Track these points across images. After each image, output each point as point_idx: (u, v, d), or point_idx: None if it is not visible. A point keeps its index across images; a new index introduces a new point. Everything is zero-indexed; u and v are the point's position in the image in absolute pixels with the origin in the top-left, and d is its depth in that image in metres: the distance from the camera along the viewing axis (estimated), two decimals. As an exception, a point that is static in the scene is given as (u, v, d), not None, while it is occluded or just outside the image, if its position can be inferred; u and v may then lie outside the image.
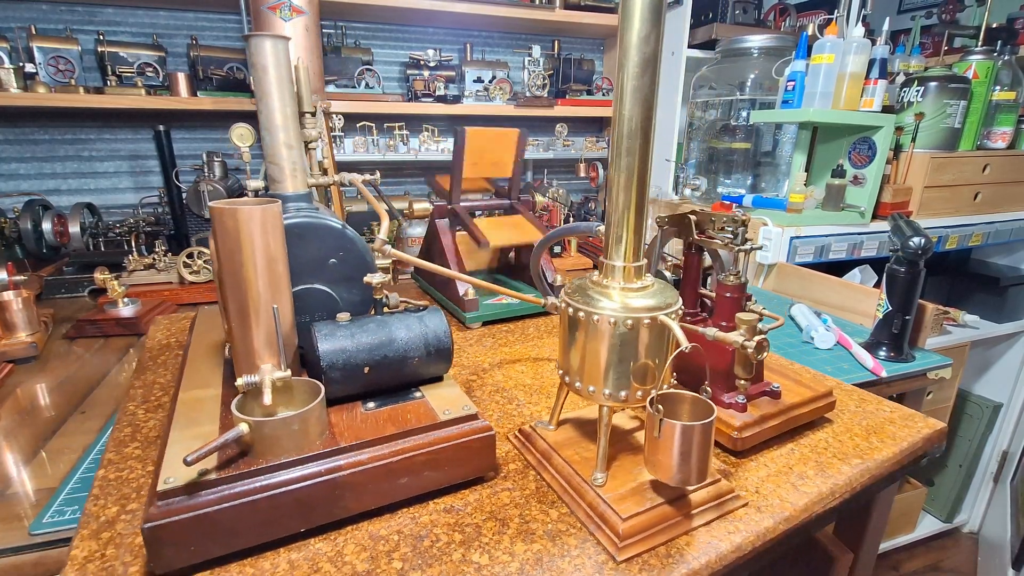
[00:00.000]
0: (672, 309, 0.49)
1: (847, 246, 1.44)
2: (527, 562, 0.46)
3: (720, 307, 0.63)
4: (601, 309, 0.48)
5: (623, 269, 0.50)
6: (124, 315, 1.00)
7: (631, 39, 0.44)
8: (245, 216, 0.49)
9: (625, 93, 0.46)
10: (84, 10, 1.38)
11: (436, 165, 1.79)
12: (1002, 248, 1.89)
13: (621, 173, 0.47)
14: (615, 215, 0.49)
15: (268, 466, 0.46)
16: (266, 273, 0.51)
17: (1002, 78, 1.56)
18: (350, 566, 0.45)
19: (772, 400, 0.64)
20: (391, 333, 0.57)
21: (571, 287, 0.52)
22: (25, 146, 1.41)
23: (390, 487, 0.51)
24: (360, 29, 1.64)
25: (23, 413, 0.74)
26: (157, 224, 1.40)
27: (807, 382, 0.67)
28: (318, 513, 0.48)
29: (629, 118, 0.46)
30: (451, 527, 0.50)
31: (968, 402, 1.92)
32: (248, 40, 0.60)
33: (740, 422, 0.60)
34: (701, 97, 1.70)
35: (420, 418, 0.54)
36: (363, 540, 0.49)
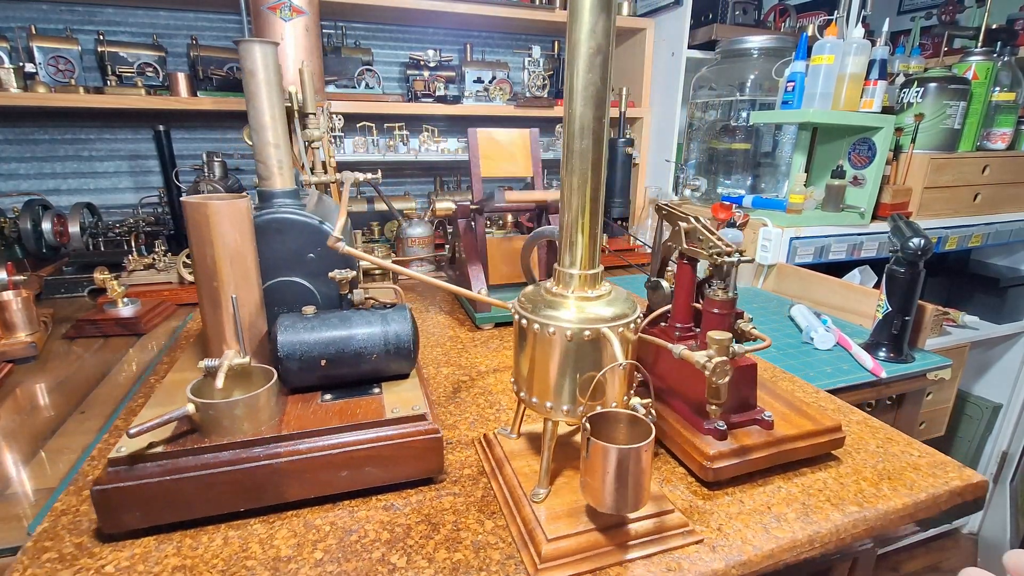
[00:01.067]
0: (626, 320, 0.46)
1: (847, 247, 1.44)
2: (442, 571, 0.45)
3: (706, 324, 0.58)
4: (546, 319, 0.46)
5: (577, 277, 0.47)
6: (124, 315, 1.00)
7: (579, 31, 0.41)
8: (213, 210, 0.53)
9: (575, 89, 0.43)
10: (84, 10, 1.38)
11: (437, 165, 1.79)
12: (1002, 249, 1.89)
13: (573, 175, 0.45)
14: (568, 219, 0.46)
15: (210, 445, 0.49)
16: (232, 264, 0.55)
17: (1002, 79, 1.56)
18: (275, 550, 0.48)
19: (762, 430, 0.58)
20: (351, 329, 0.58)
21: (524, 295, 0.50)
22: (25, 146, 1.41)
23: (330, 479, 0.52)
24: (360, 29, 1.64)
25: (22, 413, 0.74)
26: (157, 224, 1.40)
27: (811, 413, 0.61)
28: (256, 496, 0.50)
29: (579, 116, 0.43)
30: (383, 525, 0.51)
31: (968, 403, 1.92)
32: (238, 45, 0.62)
33: (715, 451, 0.55)
34: (701, 98, 1.70)
35: (368, 414, 0.54)
36: (297, 527, 0.50)
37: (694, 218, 0.60)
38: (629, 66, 1.81)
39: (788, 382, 0.80)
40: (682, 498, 0.54)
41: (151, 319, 1.02)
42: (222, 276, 0.55)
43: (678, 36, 1.64)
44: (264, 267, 0.65)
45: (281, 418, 0.54)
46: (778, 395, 0.65)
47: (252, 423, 0.51)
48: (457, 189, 1.79)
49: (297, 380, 0.58)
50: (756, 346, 0.56)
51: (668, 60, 1.70)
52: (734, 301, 0.58)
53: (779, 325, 1.12)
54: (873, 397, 0.96)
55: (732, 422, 0.58)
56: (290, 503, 0.52)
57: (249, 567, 0.46)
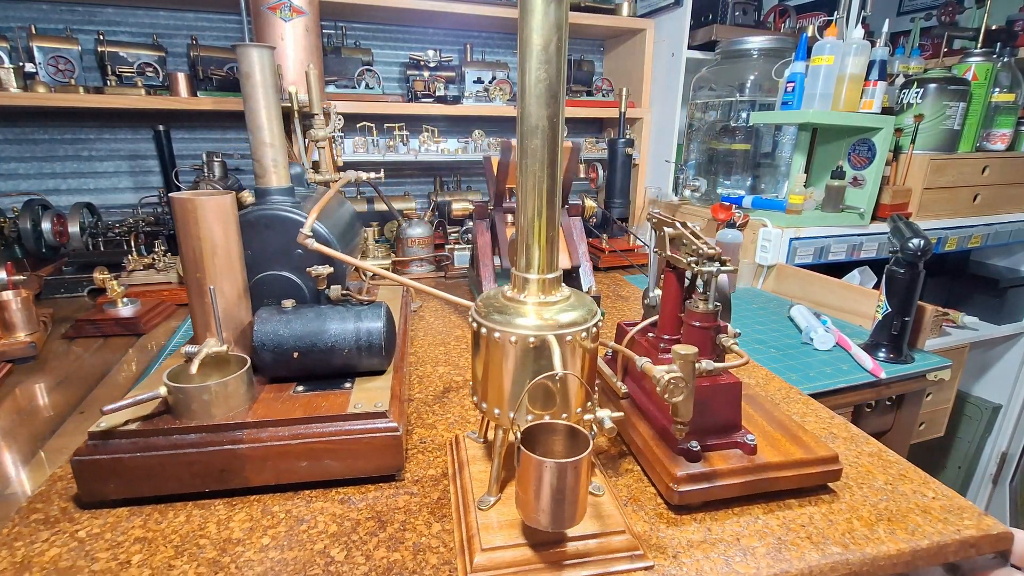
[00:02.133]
0: (578, 327, 0.44)
1: (846, 247, 1.44)
2: (375, 569, 0.45)
3: (686, 337, 0.56)
4: (494, 323, 0.44)
5: (534, 282, 0.45)
6: (123, 315, 1.00)
7: (530, 24, 0.40)
8: (197, 205, 0.56)
9: (526, 86, 0.41)
10: (84, 10, 1.38)
11: (437, 166, 1.79)
12: (1001, 250, 1.89)
13: (527, 176, 0.43)
14: (524, 222, 0.44)
15: (179, 427, 0.52)
16: (215, 256, 0.58)
17: (1001, 80, 1.56)
18: (229, 532, 0.50)
19: (742, 454, 0.54)
20: (324, 324, 0.60)
21: (482, 299, 0.48)
22: (25, 146, 1.41)
23: (289, 468, 0.54)
24: (360, 30, 1.64)
25: (22, 413, 0.74)
26: (157, 224, 1.40)
27: (806, 440, 0.56)
28: (219, 478, 0.53)
29: (530, 114, 0.42)
30: (334, 518, 0.52)
31: (967, 403, 1.92)
32: (235, 48, 0.65)
33: (682, 473, 0.51)
34: (701, 98, 1.70)
35: (331, 408, 0.56)
36: (255, 512, 0.53)
37: (681, 223, 0.58)
38: (629, 66, 1.81)
39: (802, 404, 0.74)
40: (644, 520, 0.52)
41: (151, 319, 1.02)
42: (205, 268, 0.58)
43: (678, 36, 1.64)
44: (254, 261, 0.68)
45: (251, 406, 0.56)
46: (774, 417, 0.61)
47: (222, 408, 0.54)
48: (457, 189, 1.79)
49: (271, 370, 0.61)
50: (735, 363, 0.52)
51: (668, 60, 1.70)
52: (716, 313, 0.54)
53: (779, 326, 1.12)
54: (873, 398, 0.96)
55: (708, 443, 0.54)
56: (255, 488, 0.54)
57: (201, 545, 0.48)
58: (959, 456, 1.94)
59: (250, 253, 0.68)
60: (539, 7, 0.39)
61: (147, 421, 0.53)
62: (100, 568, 0.46)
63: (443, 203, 1.68)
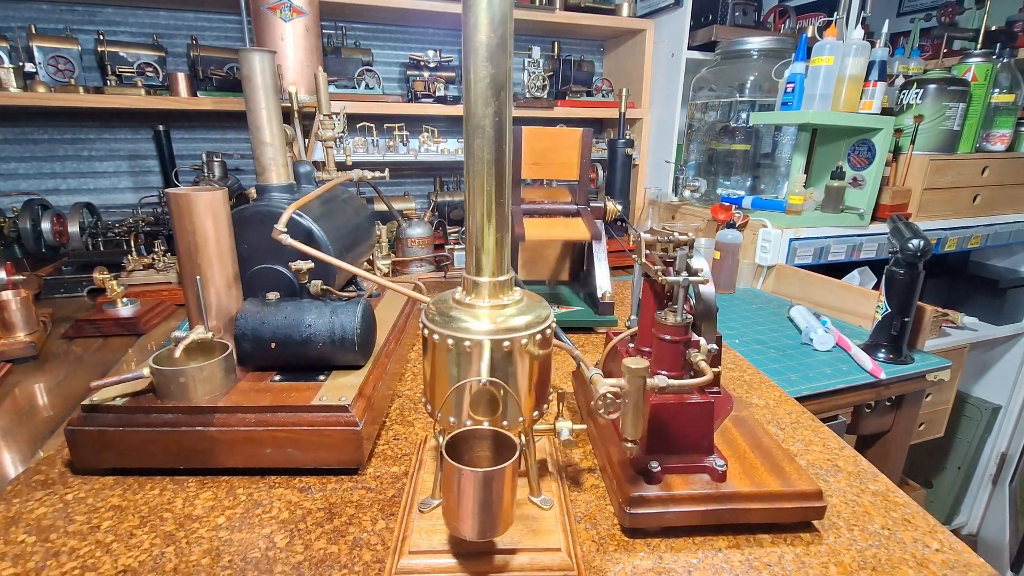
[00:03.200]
0: (519, 333, 0.42)
1: (846, 248, 1.44)
2: (310, 559, 0.47)
3: (655, 351, 0.53)
4: (437, 326, 0.43)
5: (484, 285, 0.44)
6: (123, 315, 0.99)
7: (475, 18, 0.38)
8: (190, 199, 0.61)
9: (470, 82, 0.40)
10: (84, 10, 1.38)
11: (437, 166, 1.79)
12: (1001, 250, 1.89)
13: (474, 177, 0.42)
14: (473, 224, 0.43)
15: (157, 407, 0.56)
16: (206, 248, 0.63)
17: (1001, 81, 1.56)
18: (192, 508, 0.53)
19: (709, 480, 0.51)
20: (302, 317, 0.63)
21: (434, 302, 0.47)
22: (24, 145, 1.41)
23: (254, 453, 0.56)
24: (360, 30, 1.64)
25: (21, 413, 0.74)
26: (156, 224, 1.40)
27: (788, 471, 0.52)
28: (190, 457, 0.57)
29: (475, 112, 0.40)
30: (289, 505, 0.54)
31: (967, 404, 1.92)
32: (238, 52, 0.67)
33: (636, 494, 0.48)
34: (701, 99, 1.70)
35: (297, 399, 0.58)
36: (220, 492, 0.55)
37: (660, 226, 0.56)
38: (629, 67, 1.81)
39: (810, 431, 0.69)
40: (593, 540, 0.49)
41: (150, 319, 1.02)
42: (196, 259, 0.63)
43: (678, 37, 1.64)
44: (250, 255, 0.71)
45: (228, 392, 0.59)
46: (760, 443, 0.57)
47: (199, 392, 0.57)
48: (457, 189, 1.79)
49: (251, 360, 0.63)
50: (695, 380, 0.48)
51: (668, 61, 1.70)
52: (686, 327, 0.51)
53: (779, 326, 1.12)
54: (872, 398, 0.96)
55: (672, 465, 0.51)
56: (228, 470, 0.57)
57: (163, 518, 0.52)
58: (959, 457, 1.94)
59: (246, 247, 0.70)
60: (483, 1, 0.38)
61: (133, 398, 0.57)
62: (74, 529, 0.51)
63: (443, 203, 1.68)
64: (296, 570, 0.45)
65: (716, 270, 1.32)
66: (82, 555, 0.48)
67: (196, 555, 0.47)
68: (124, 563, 0.47)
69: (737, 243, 1.29)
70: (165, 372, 0.56)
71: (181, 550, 0.48)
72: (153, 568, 0.46)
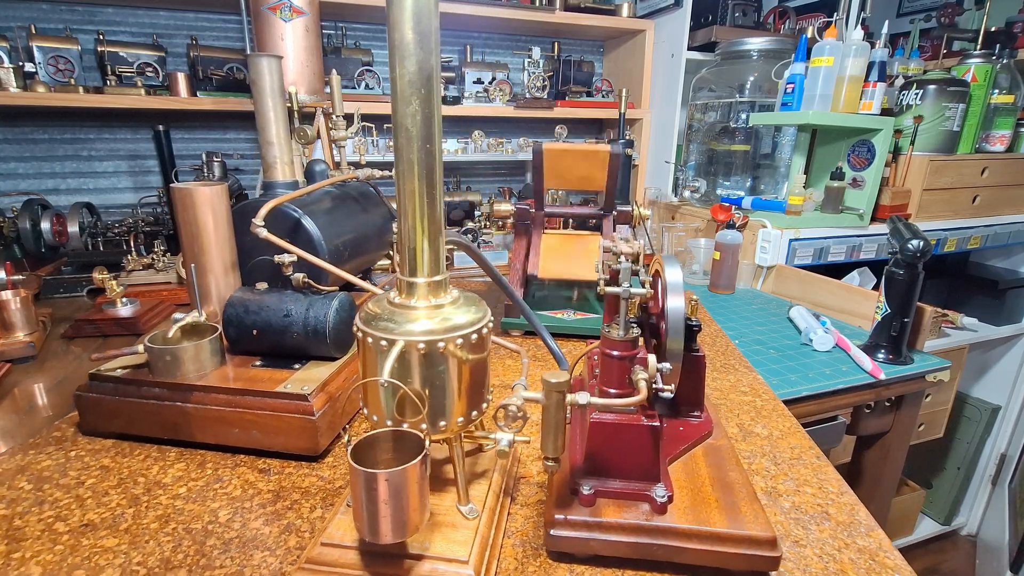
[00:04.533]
0: (452, 334, 0.42)
1: (846, 248, 1.44)
2: (241, 537, 0.49)
3: (602, 367, 0.49)
4: (367, 327, 0.43)
5: (417, 286, 0.44)
6: (122, 315, 0.99)
7: (398, 14, 0.38)
8: (192, 193, 0.68)
9: (396, 79, 0.39)
10: (84, 10, 1.38)
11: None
12: (1000, 251, 1.89)
13: (404, 178, 0.41)
14: (405, 227, 0.42)
15: (147, 381, 0.62)
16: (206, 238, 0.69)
17: (1000, 81, 1.56)
18: (164, 476, 0.58)
19: (649, 510, 0.46)
20: (281, 307, 0.66)
21: (370, 304, 0.46)
22: (24, 145, 1.41)
23: (224, 432, 0.60)
24: (360, 30, 1.64)
25: (20, 413, 0.74)
26: (156, 224, 1.40)
27: (743, 512, 0.46)
28: (170, 429, 0.62)
29: (402, 111, 0.40)
30: (244, 483, 0.57)
31: (966, 405, 1.92)
32: (247, 57, 0.71)
33: (560, 516, 0.45)
34: (701, 99, 1.70)
35: (265, 384, 0.61)
36: (192, 465, 0.60)
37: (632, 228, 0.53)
38: (629, 67, 1.81)
39: (810, 470, 0.61)
40: (516, 558, 0.47)
41: (150, 319, 1.02)
42: (195, 248, 0.69)
43: (678, 37, 1.64)
44: (252, 246, 0.74)
45: (211, 372, 0.64)
46: (726, 477, 0.51)
47: (185, 370, 0.62)
48: (456, 190, 1.79)
49: (236, 345, 0.67)
50: (616, 401, 0.45)
51: (668, 61, 1.70)
52: (632, 342, 0.47)
53: (778, 326, 1.12)
54: (872, 399, 0.96)
55: (608, 490, 0.47)
56: (204, 445, 0.62)
57: (137, 482, 0.57)
58: (958, 457, 1.94)
59: (248, 240, 0.72)
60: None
61: (131, 371, 0.63)
62: (64, 483, 0.57)
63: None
64: (225, 545, 0.48)
65: (716, 270, 1.32)
66: (60, 506, 0.54)
67: (149, 519, 0.52)
68: (89, 518, 0.52)
69: (737, 243, 1.29)
70: (155, 350, 0.61)
71: (139, 512, 0.53)
72: (110, 525, 0.51)
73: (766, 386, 0.81)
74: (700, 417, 0.60)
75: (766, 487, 0.58)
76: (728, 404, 0.75)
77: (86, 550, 0.48)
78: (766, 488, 0.57)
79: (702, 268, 1.40)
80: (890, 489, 1.13)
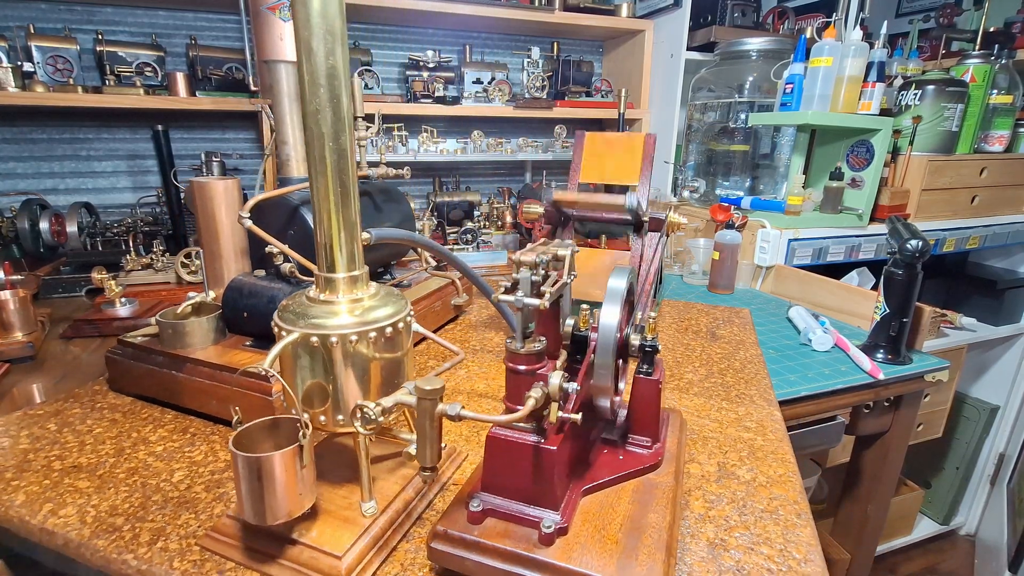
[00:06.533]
0: (363, 328, 0.42)
1: (845, 248, 1.44)
2: (180, 499, 0.54)
3: (506, 383, 0.46)
4: (281, 320, 0.44)
5: (336, 281, 0.44)
6: (121, 315, 0.99)
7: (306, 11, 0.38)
8: (209, 187, 0.77)
9: (306, 75, 0.39)
10: (83, 9, 1.38)
11: (436, 166, 1.79)
12: (999, 251, 1.89)
13: (316, 175, 0.42)
14: (320, 221, 0.43)
15: (156, 350, 0.71)
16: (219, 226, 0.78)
17: (999, 82, 1.56)
18: (151, 434, 0.65)
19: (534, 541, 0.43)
20: (268, 294, 0.71)
21: (290, 297, 0.47)
22: (23, 145, 1.41)
23: (204, 402, 0.67)
24: (359, 30, 1.64)
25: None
26: (155, 224, 1.40)
27: (637, 561, 0.41)
28: (165, 394, 0.70)
29: (312, 106, 0.40)
30: (210, 450, 0.62)
31: (965, 404, 1.92)
32: (267, 63, 0.81)
33: (442, 528, 0.44)
34: (700, 99, 1.70)
35: (236, 362, 0.67)
36: (178, 427, 0.66)
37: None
38: (628, 67, 1.82)
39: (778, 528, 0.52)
40: (402, 562, 0.46)
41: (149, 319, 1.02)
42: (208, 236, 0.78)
43: (677, 38, 1.64)
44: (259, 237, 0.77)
45: (208, 348, 0.71)
46: (643, 517, 0.46)
47: (184, 343, 0.70)
48: (456, 189, 1.79)
49: (231, 325, 0.74)
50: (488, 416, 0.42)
51: (667, 62, 1.70)
52: (538, 355, 0.44)
53: (777, 326, 1.12)
54: (871, 399, 0.96)
55: (501, 510, 0.45)
56: (195, 412, 0.68)
57: (131, 437, 0.64)
58: (957, 457, 1.94)
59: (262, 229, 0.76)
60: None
61: (149, 340, 0.72)
62: (79, 429, 0.66)
63: (442, 203, 1.68)
64: (164, 503, 0.53)
65: (715, 271, 1.32)
66: (65, 448, 0.62)
67: (121, 470, 0.58)
68: (80, 461, 0.60)
69: (736, 244, 1.29)
70: (162, 323, 0.70)
71: (117, 463, 0.59)
72: (90, 470, 0.58)
73: (779, 424, 0.70)
74: (649, 448, 0.54)
75: (714, 538, 0.50)
76: (720, 439, 0.66)
77: (63, 488, 0.55)
78: (713, 539, 0.50)
79: (701, 268, 1.40)
80: (889, 489, 1.13)
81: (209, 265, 0.80)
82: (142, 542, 0.48)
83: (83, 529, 0.49)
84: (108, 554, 0.47)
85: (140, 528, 0.50)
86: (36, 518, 0.51)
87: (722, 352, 0.92)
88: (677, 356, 0.91)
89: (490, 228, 1.65)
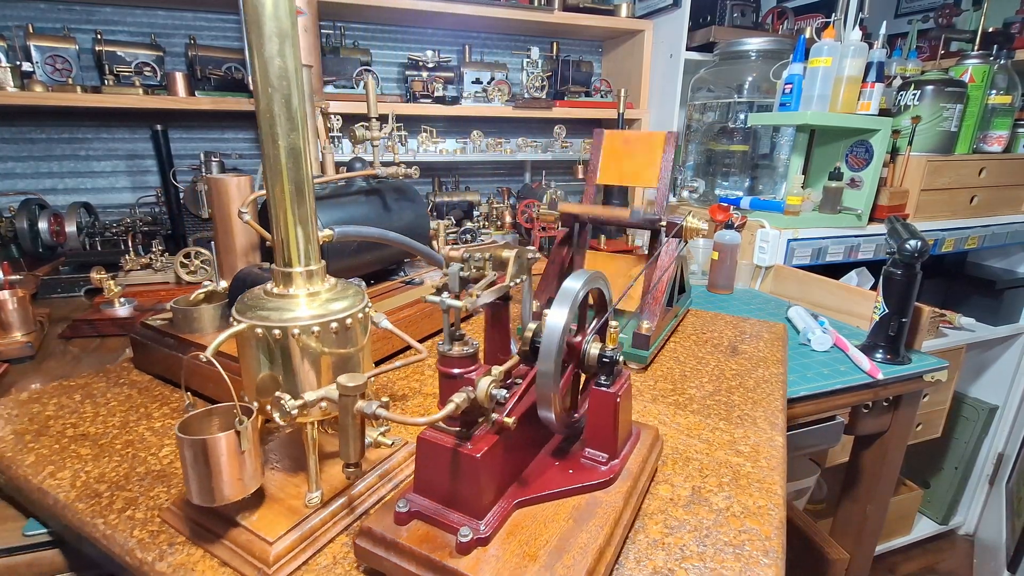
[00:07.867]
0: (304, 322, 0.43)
1: (844, 248, 1.44)
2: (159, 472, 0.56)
3: (439, 386, 0.45)
4: (237, 313, 0.45)
5: (293, 275, 0.45)
6: (120, 315, 0.99)
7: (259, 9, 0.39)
8: (224, 182, 0.81)
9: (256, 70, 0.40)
10: (82, 9, 1.38)
11: (435, 166, 1.79)
12: (998, 251, 1.90)
13: (271, 171, 0.42)
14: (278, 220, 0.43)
15: (170, 333, 0.76)
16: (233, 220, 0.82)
17: (998, 82, 1.56)
18: (155, 410, 0.68)
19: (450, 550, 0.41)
20: None
21: (246, 294, 0.48)
22: (22, 145, 1.40)
23: (202, 384, 0.70)
24: (359, 30, 1.64)
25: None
26: (154, 224, 1.40)
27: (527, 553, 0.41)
28: (174, 374, 0.74)
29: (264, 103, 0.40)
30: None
31: (964, 404, 1.92)
32: None
33: (368, 525, 0.43)
34: (699, 99, 1.70)
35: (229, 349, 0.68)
36: (181, 409, 0.67)
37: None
38: (628, 67, 1.82)
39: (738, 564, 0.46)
40: (335, 555, 0.46)
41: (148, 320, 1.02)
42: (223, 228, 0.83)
43: (676, 38, 1.64)
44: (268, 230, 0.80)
45: (211, 333, 0.75)
46: (573, 538, 0.43)
47: (193, 328, 0.76)
48: (455, 189, 1.79)
49: None
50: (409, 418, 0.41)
51: (666, 62, 1.70)
52: (471, 358, 0.42)
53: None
54: (870, 399, 0.96)
55: (428, 513, 0.44)
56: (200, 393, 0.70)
57: (139, 412, 0.68)
58: (956, 457, 1.95)
59: None
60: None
61: (166, 324, 0.77)
62: (99, 401, 0.71)
63: (441, 203, 1.68)
64: (145, 474, 0.56)
65: (714, 271, 1.32)
66: (83, 418, 0.66)
67: (119, 441, 0.62)
68: (89, 430, 0.64)
69: (735, 244, 1.29)
70: (174, 309, 0.76)
71: (119, 434, 0.63)
72: (94, 439, 0.62)
73: (777, 451, 0.63)
74: (604, 464, 0.51)
75: (662, 567, 0.45)
76: (703, 461, 0.61)
77: (68, 453, 0.59)
78: (660, 568, 0.45)
79: (701, 268, 1.40)
80: (888, 489, 1.13)
81: (223, 258, 0.85)
82: (115, 509, 0.51)
83: (71, 492, 0.53)
84: (83, 517, 0.50)
85: (117, 496, 0.52)
86: (37, 478, 0.55)
87: (738, 368, 0.85)
88: (686, 370, 0.84)
89: (489, 228, 1.65)
